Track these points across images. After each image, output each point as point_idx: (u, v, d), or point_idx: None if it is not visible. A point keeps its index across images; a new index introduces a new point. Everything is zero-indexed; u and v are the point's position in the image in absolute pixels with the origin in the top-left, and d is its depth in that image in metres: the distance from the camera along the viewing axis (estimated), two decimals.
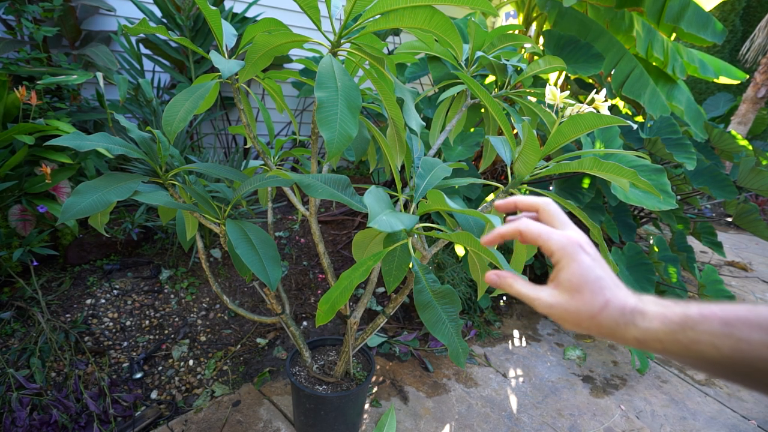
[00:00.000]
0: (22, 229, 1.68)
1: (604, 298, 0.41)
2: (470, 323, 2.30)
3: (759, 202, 4.08)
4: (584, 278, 0.41)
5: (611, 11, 2.46)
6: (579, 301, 0.41)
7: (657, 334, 0.38)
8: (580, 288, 0.41)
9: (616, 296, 0.41)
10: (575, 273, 0.42)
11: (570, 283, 0.42)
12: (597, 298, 0.41)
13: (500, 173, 2.66)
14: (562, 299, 0.42)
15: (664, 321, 0.38)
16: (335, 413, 1.40)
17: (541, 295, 0.44)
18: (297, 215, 2.83)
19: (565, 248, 0.43)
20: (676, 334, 0.37)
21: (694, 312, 0.37)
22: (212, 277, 1.26)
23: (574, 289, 0.42)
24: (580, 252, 0.43)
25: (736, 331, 0.34)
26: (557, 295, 0.43)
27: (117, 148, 0.94)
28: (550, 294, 0.44)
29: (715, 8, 7.85)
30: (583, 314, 0.41)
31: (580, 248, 0.43)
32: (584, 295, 0.41)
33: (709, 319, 0.36)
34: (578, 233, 0.45)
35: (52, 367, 1.60)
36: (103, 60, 2.02)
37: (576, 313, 0.41)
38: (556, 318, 0.43)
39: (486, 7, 0.81)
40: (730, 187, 2.36)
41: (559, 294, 0.43)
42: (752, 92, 5.06)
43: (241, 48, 1.00)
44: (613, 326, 0.40)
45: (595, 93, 0.85)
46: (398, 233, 0.89)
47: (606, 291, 0.41)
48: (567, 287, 0.42)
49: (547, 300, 0.43)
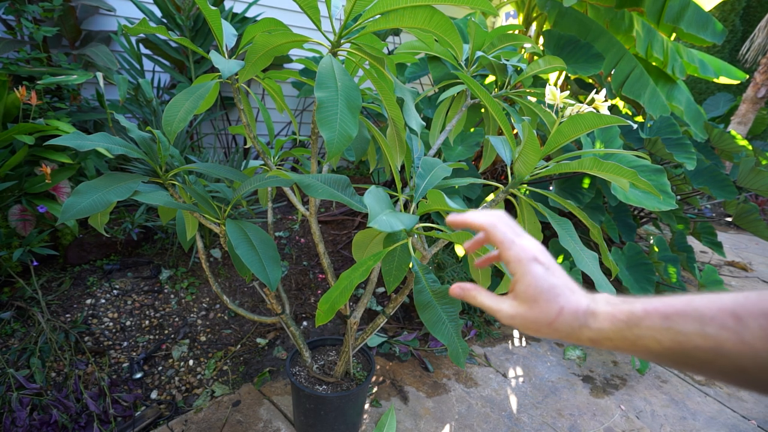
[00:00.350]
0: (22, 229, 1.68)
1: (558, 305, 0.43)
2: (470, 323, 2.30)
3: (759, 202, 4.08)
4: (539, 288, 0.43)
5: (611, 11, 2.46)
6: (536, 311, 0.43)
7: (607, 333, 0.40)
8: (536, 298, 0.43)
9: (570, 302, 0.43)
10: (530, 284, 0.44)
11: (526, 294, 0.44)
12: (552, 306, 0.43)
13: (500, 173, 2.66)
14: (521, 310, 0.44)
15: (612, 320, 0.40)
16: (335, 413, 1.40)
17: (502, 307, 0.46)
18: (297, 215, 2.83)
19: (520, 260, 0.45)
20: (623, 332, 0.39)
21: (638, 309, 0.39)
22: (212, 277, 1.26)
23: (531, 299, 0.44)
24: (533, 263, 0.44)
25: (674, 324, 0.37)
26: (517, 306, 0.45)
27: (117, 148, 0.94)
28: (510, 305, 0.46)
29: (715, 8, 7.85)
30: (542, 322, 0.43)
31: (534, 260, 0.45)
32: (540, 304, 0.43)
33: (651, 315, 0.38)
34: (533, 243, 0.46)
35: (52, 367, 1.60)
36: (103, 60, 2.02)
37: (535, 321, 0.44)
38: (518, 327, 0.45)
39: (486, 7, 0.81)
40: (730, 187, 2.36)
41: (518, 305, 0.45)
42: (752, 92, 5.06)
43: (241, 48, 1.00)
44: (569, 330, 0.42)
45: (595, 93, 0.85)
46: (398, 233, 0.89)
47: (560, 298, 0.43)
48: (524, 298, 0.44)
49: (508, 311, 0.46)
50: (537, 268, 0.44)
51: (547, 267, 0.45)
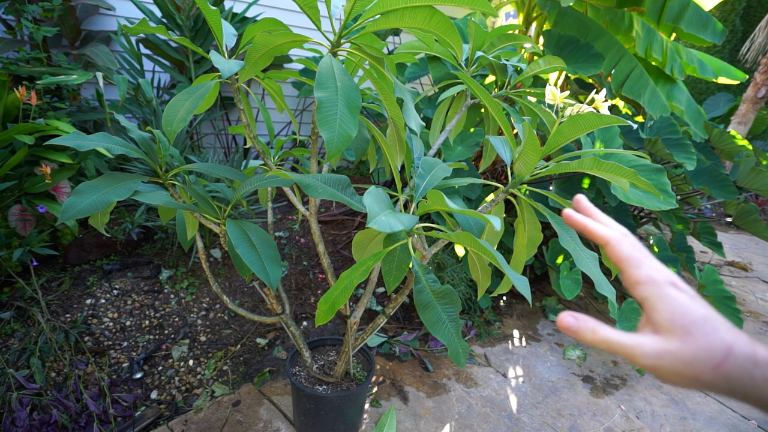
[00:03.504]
0: (22, 229, 1.68)
1: (724, 343, 0.32)
2: (470, 323, 2.30)
3: (759, 202, 4.08)
4: (689, 318, 0.33)
5: (611, 11, 2.45)
6: (693, 346, 0.32)
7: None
8: (688, 329, 0.33)
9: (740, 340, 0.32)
10: (677, 311, 0.33)
11: (673, 324, 0.33)
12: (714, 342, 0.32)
13: (500, 173, 2.66)
14: (671, 345, 0.33)
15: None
16: (335, 413, 1.40)
17: (642, 342, 0.34)
18: (297, 215, 2.83)
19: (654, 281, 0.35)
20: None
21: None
22: (212, 277, 1.26)
23: (682, 330, 0.33)
24: (672, 287, 0.35)
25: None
26: (663, 342, 0.33)
27: (117, 148, 0.94)
28: (653, 341, 0.34)
29: (715, 8, 7.85)
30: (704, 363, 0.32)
31: (671, 284, 0.35)
32: (697, 338, 0.32)
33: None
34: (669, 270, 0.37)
35: (52, 367, 1.60)
36: (103, 60, 2.02)
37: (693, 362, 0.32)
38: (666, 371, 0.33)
39: (486, 7, 0.81)
40: (730, 187, 2.35)
41: (664, 340, 0.33)
42: (752, 92, 5.06)
43: (241, 48, 1.00)
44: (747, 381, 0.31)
45: (595, 93, 0.85)
46: (398, 233, 0.89)
47: (722, 333, 0.32)
48: (670, 329, 0.33)
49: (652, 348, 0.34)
50: (678, 293, 0.34)
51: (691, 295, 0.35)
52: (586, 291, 2.89)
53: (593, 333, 0.36)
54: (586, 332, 0.36)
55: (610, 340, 0.35)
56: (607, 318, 2.63)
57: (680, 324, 0.33)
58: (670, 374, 0.33)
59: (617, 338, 0.35)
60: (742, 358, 0.31)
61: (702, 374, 0.32)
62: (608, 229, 0.41)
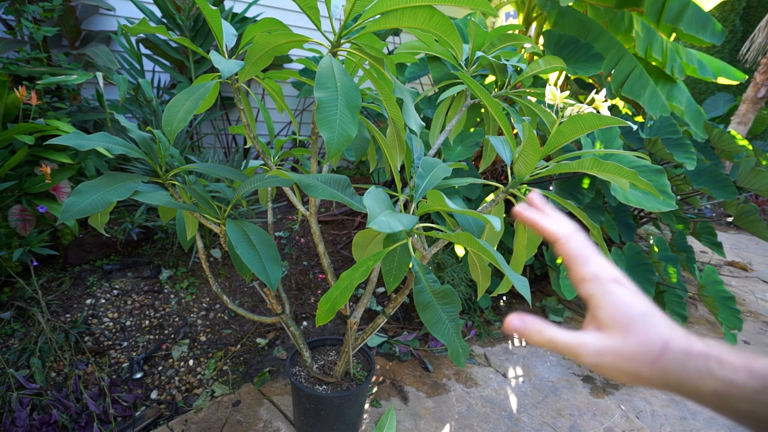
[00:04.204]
0: (22, 229, 1.68)
1: (661, 337, 0.32)
2: (470, 323, 2.30)
3: (759, 202, 4.08)
4: (630, 313, 0.34)
5: (611, 11, 2.45)
6: (633, 342, 0.33)
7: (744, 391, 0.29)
8: (629, 326, 0.33)
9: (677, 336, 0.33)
10: (618, 308, 0.34)
11: (614, 320, 0.34)
12: (652, 337, 0.33)
13: (500, 173, 2.66)
14: (612, 342, 0.33)
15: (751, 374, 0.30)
16: (335, 413, 1.40)
17: (585, 340, 0.35)
18: (297, 215, 2.83)
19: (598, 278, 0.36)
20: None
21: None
22: (212, 277, 1.26)
23: (623, 327, 0.33)
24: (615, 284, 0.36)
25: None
26: (605, 338, 0.34)
27: (117, 148, 0.94)
28: (596, 338, 0.34)
29: (714, 8, 7.85)
30: (643, 358, 0.32)
31: (615, 281, 0.36)
32: (637, 334, 0.33)
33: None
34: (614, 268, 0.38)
35: (52, 367, 1.60)
36: (103, 60, 2.02)
37: (633, 358, 0.33)
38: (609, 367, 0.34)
39: (485, 7, 0.81)
40: (730, 188, 2.36)
41: (606, 336, 0.34)
42: (752, 92, 5.06)
43: (241, 48, 1.00)
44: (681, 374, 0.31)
45: (595, 93, 0.85)
46: (398, 233, 0.89)
47: (661, 329, 0.33)
48: (612, 325, 0.34)
49: (595, 344, 0.34)
50: (621, 290, 0.35)
51: (633, 292, 0.35)
52: None
53: (540, 334, 0.37)
54: (533, 333, 0.37)
55: (555, 339, 0.36)
56: None
57: (621, 320, 0.34)
58: (612, 371, 0.34)
59: (562, 337, 0.36)
60: (678, 351, 0.32)
61: (641, 370, 0.32)
62: (558, 225, 0.41)
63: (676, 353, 0.32)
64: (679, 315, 2.56)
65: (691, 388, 0.31)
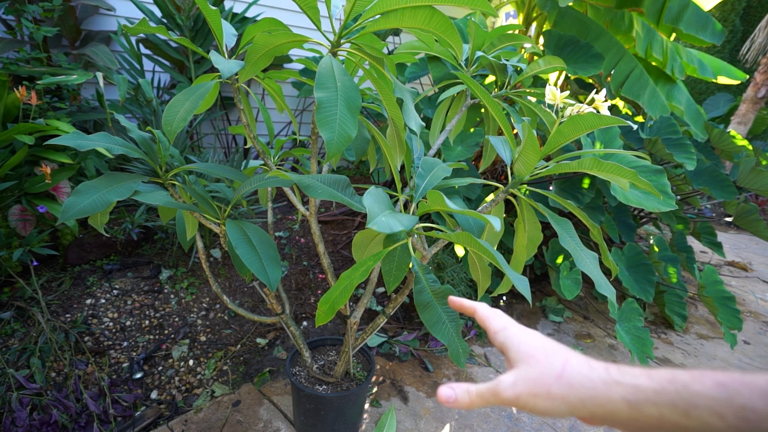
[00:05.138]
0: (22, 229, 1.68)
1: (561, 356, 0.37)
2: (470, 323, 2.30)
3: (759, 202, 4.08)
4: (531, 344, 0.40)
5: (611, 11, 2.45)
6: (537, 367, 0.37)
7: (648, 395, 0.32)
8: (531, 353, 0.39)
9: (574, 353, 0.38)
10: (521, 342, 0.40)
11: (519, 354, 0.39)
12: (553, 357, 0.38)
13: (500, 173, 2.66)
14: (521, 372, 0.38)
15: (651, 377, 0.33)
16: (335, 413, 1.40)
17: (501, 379, 0.40)
18: (297, 215, 2.83)
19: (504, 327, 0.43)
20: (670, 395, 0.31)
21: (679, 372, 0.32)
22: (212, 277, 1.26)
23: (527, 356, 0.39)
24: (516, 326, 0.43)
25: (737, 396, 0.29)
26: (516, 372, 0.39)
27: (117, 148, 0.94)
28: (508, 374, 0.40)
29: (714, 8, 7.85)
30: (548, 377, 0.36)
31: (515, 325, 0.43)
32: (539, 359, 0.38)
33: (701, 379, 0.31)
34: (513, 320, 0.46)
35: (52, 367, 1.60)
36: (103, 60, 2.02)
37: (539, 379, 0.37)
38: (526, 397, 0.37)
39: (485, 7, 0.81)
40: (730, 188, 2.36)
41: (516, 371, 0.39)
42: (752, 92, 5.06)
43: (241, 48, 1.00)
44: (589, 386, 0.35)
45: (595, 93, 0.85)
46: (398, 233, 0.89)
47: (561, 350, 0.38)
48: (518, 359, 0.39)
49: (508, 379, 0.39)
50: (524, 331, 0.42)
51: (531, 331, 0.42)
52: (586, 291, 2.89)
53: (468, 393, 0.41)
54: (464, 395, 0.41)
55: (480, 390, 0.40)
56: (607, 318, 2.63)
57: (525, 352, 0.39)
58: (527, 397, 0.37)
59: (484, 386, 0.40)
60: (578, 364, 0.36)
61: (551, 387, 0.36)
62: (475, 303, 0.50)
63: (577, 366, 0.36)
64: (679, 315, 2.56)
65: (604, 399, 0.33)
